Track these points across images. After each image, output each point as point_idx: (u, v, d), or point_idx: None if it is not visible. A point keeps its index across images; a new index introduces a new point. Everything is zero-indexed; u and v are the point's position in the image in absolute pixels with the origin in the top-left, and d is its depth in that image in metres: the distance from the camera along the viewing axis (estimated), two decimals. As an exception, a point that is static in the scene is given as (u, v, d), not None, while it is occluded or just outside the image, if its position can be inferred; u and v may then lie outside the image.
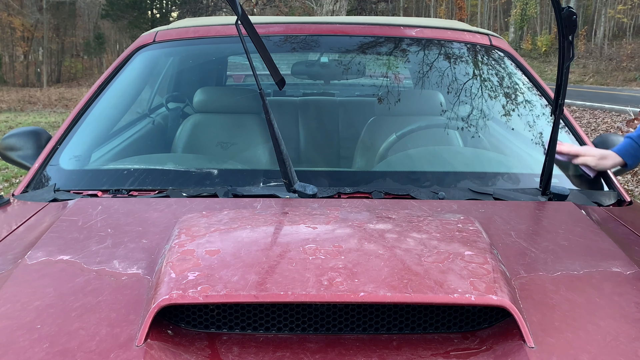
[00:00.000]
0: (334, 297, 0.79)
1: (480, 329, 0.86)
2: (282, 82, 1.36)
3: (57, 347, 0.77)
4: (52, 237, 1.08)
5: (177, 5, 32.11)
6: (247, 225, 1.04)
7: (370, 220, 1.08)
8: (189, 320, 0.85)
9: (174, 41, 1.93)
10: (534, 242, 1.09)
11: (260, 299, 0.79)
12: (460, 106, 1.88)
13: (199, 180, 1.42)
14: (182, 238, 0.97)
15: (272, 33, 1.95)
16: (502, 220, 1.18)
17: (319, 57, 2.49)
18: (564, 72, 1.30)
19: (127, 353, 0.76)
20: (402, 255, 0.90)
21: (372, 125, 1.87)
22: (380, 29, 1.96)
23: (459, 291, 0.81)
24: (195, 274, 0.84)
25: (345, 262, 0.87)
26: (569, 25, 1.26)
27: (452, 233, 1.01)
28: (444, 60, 1.93)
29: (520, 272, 0.97)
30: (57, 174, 1.49)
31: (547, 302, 0.88)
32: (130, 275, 0.94)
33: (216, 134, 1.81)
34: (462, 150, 1.75)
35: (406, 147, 1.72)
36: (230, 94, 2.55)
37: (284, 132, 1.33)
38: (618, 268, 1.00)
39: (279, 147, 1.26)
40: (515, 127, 1.78)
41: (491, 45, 1.96)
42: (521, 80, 1.88)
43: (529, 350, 0.78)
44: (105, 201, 1.26)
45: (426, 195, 1.35)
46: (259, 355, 0.79)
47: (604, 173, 1.53)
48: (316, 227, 1.02)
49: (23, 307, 0.86)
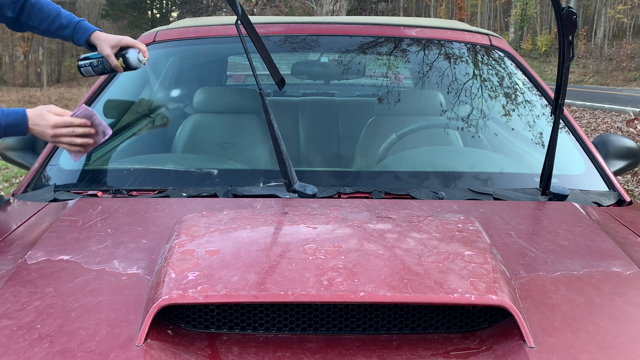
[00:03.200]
0: (334, 297, 0.79)
1: (480, 329, 0.86)
2: (282, 82, 1.36)
3: (57, 347, 0.77)
4: (52, 237, 1.08)
5: (177, 5, 32.11)
6: (247, 225, 1.04)
7: (370, 220, 1.08)
8: (189, 320, 0.85)
9: (174, 41, 1.93)
10: (534, 242, 1.09)
11: (260, 299, 0.79)
12: (460, 106, 1.88)
13: (199, 180, 1.42)
14: (182, 238, 0.97)
15: (272, 33, 1.95)
16: (502, 220, 1.18)
17: (319, 57, 2.49)
18: (564, 72, 1.30)
19: (127, 353, 0.76)
20: (402, 255, 0.90)
21: (372, 125, 1.87)
22: (380, 29, 1.96)
23: (459, 291, 0.81)
24: (195, 274, 0.84)
25: (345, 262, 0.87)
26: (569, 25, 1.26)
27: (452, 233, 1.01)
28: (444, 60, 1.93)
29: (520, 272, 0.97)
30: (57, 174, 1.49)
31: (547, 302, 0.88)
32: (130, 275, 0.94)
33: (216, 134, 1.81)
34: (462, 150, 1.74)
35: (406, 147, 1.72)
36: (230, 94, 2.55)
37: (284, 132, 1.33)
38: (618, 268, 1.00)
39: (279, 147, 1.26)
40: (515, 127, 1.78)
41: (491, 45, 1.96)
42: (521, 80, 1.88)
43: (529, 350, 0.78)
44: (105, 201, 1.26)
45: (426, 195, 1.35)
46: (259, 355, 0.79)
47: (604, 173, 1.53)
48: (316, 227, 1.02)
49: (23, 307, 0.86)
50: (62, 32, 1.63)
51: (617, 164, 1.76)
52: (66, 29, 1.62)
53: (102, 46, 1.57)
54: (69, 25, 1.62)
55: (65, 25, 1.62)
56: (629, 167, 1.79)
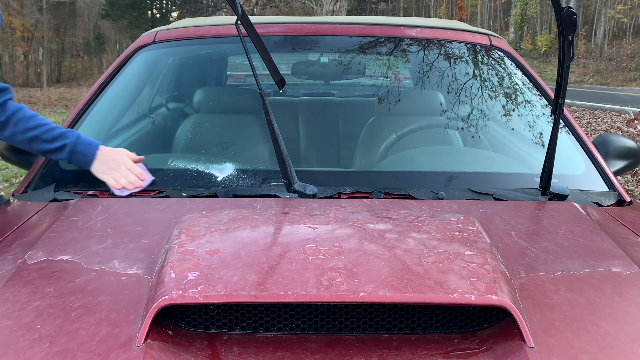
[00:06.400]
0: (334, 297, 0.79)
1: (480, 329, 0.86)
2: (282, 82, 1.36)
3: (57, 347, 0.77)
4: (52, 237, 1.08)
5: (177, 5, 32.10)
6: (247, 225, 1.04)
7: (370, 220, 1.08)
8: (189, 320, 0.85)
9: (174, 41, 1.93)
10: (534, 242, 1.09)
11: (260, 299, 0.79)
12: (460, 106, 1.88)
13: (199, 180, 1.42)
14: (182, 238, 0.97)
15: (272, 33, 1.95)
16: (502, 220, 1.18)
17: (319, 57, 2.48)
18: (564, 72, 1.30)
19: (127, 353, 0.76)
20: (402, 255, 0.90)
21: (372, 125, 1.87)
22: (380, 29, 1.96)
23: (459, 291, 0.81)
24: (195, 274, 0.84)
25: (345, 262, 0.87)
26: (569, 25, 1.25)
27: (452, 233, 1.01)
28: (444, 60, 1.93)
29: (520, 272, 0.97)
30: (57, 174, 1.49)
31: (547, 302, 0.88)
32: (130, 275, 0.94)
33: (216, 134, 1.81)
34: (462, 150, 1.74)
35: (406, 147, 1.72)
36: (230, 94, 2.55)
37: (284, 132, 1.33)
38: (618, 268, 1.00)
39: (279, 147, 1.26)
40: (515, 127, 1.78)
41: (491, 45, 1.96)
42: (521, 80, 1.88)
43: (529, 350, 0.78)
44: (105, 201, 1.26)
45: (426, 195, 1.35)
46: (259, 355, 0.79)
47: (604, 173, 1.53)
48: (316, 227, 1.02)
49: (23, 307, 0.86)
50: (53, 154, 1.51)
51: (617, 164, 1.75)
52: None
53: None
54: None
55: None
56: (629, 167, 1.79)
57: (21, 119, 1.41)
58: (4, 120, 1.40)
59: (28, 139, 1.41)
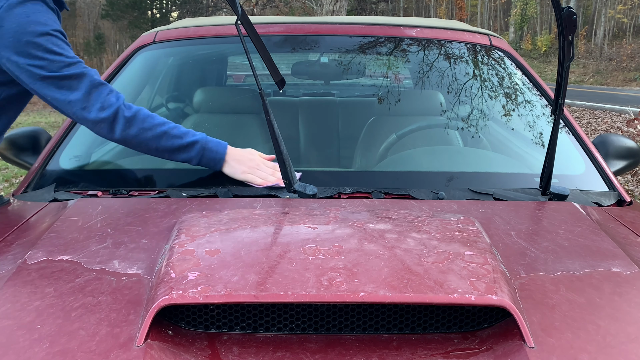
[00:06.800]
0: (334, 297, 0.79)
1: (480, 329, 0.86)
2: (282, 82, 1.35)
3: (57, 347, 0.77)
4: (52, 237, 1.08)
5: (177, 5, 32.11)
6: (247, 225, 1.04)
7: (370, 220, 1.08)
8: (189, 320, 0.85)
9: (174, 41, 1.93)
10: (534, 242, 1.09)
11: (260, 299, 0.79)
12: (460, 106, 1.88)
13: (199, 180, 1.43)
14: (182, 238, 0.97)
15: (272, 33, 1.95)
16: (502, 220, 1.18)
17: (319, 57, 2.48)
18: (564, 72, 1.30)
19: (127, 353, 0.76)
20: (402, 255, 0.90)
21: (372, 125, 1.87)
22: (380, 29, 1.96)
23: (459, 291, 0.81)
24: (195, 274, 0.84)
25: (345, 262, 0.87)
26: (569, 25, 1.25)
27: (452, 233, 1.01)
28: (444, 61, 1.93)
29: (520, 272, 0.97)
30: (57, 174, 1.49)
31: (547, 302, 0.88)
32: (130, 275, 0.93)
33: (216, 134, 1.82)
34: (462, 150, 1.74)
35: (406, 147, 1.72)
36: (230, 94, 2.55)
37: (284, 132, 1.33)
38: (618, 268, 1.00)
39: (279, 147, 1.26)
40: (515, 127, 1.78)
41: (491, 45, 1.96)
42: (521, 80, 1.88)
43: (529, 350, 0.78)
44: (105, 201, 1.26)
45: (426, 195, 1.35)
46: (259, 355, 0.79)
47: (604, 173, 1.53)
48: (316, 227, 1.02)
49: (23, 307, 0.86)
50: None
51: (617, 164, 1.76)
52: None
53: None
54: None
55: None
56: (629, 167, 1.79)
57: (147, 116, 1.34)
58: (130, 117, 1.32)
59: (157, 135, 1.33)
